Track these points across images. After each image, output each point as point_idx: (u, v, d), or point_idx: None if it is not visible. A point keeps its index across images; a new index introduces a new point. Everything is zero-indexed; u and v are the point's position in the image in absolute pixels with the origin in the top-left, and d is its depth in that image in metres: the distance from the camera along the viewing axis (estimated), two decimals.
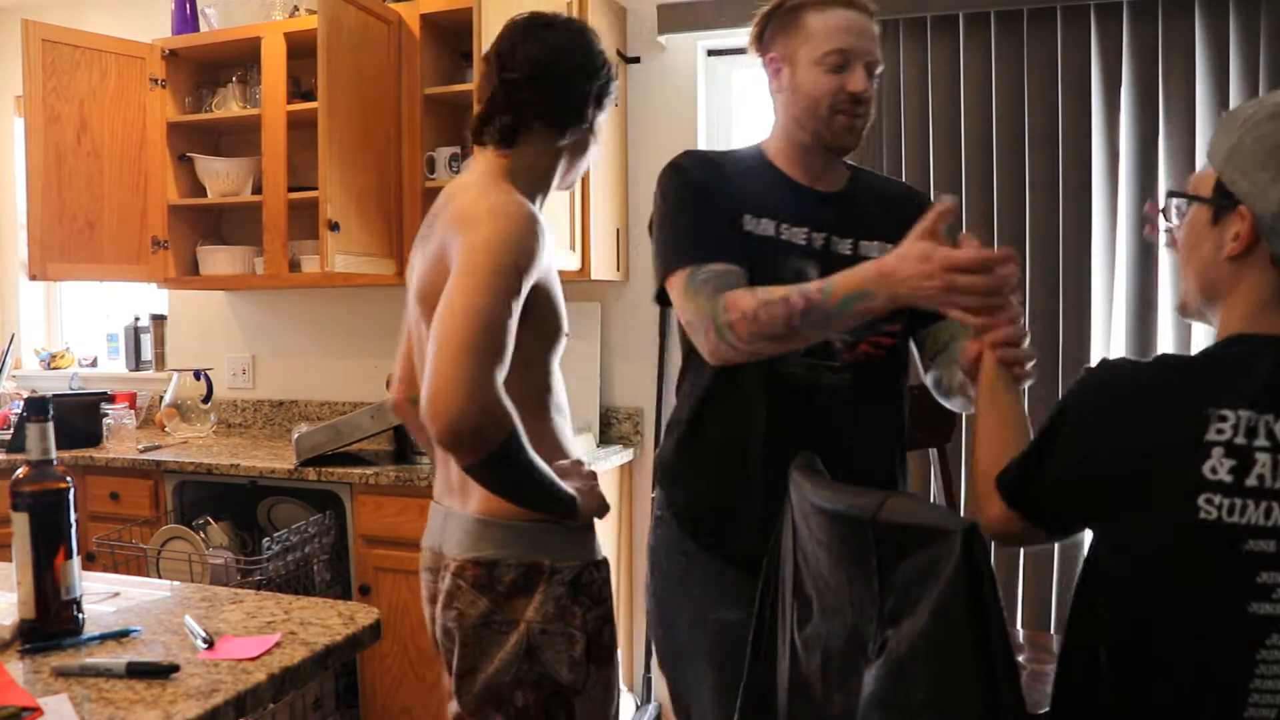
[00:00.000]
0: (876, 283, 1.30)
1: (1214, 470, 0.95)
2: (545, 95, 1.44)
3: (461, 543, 1.45)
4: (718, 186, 1.52)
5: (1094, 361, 2.58)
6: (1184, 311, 1.16)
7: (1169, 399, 0.99)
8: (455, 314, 1.28)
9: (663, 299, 1.53)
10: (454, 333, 1.27)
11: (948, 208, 1.27)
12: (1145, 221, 1.20)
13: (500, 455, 1.28)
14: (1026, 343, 1.28)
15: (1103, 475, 1.01)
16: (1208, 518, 0.94)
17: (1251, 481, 0.94)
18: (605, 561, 1.49)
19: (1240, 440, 0.95)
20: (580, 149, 1.54)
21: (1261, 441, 0.95)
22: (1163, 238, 1.16)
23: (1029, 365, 1.27)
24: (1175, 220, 1.14)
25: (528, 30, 1.46)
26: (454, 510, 1.49)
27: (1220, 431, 0.95)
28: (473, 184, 1.47)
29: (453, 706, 1.52)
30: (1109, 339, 2.62)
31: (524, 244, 1.35)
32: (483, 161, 1.50)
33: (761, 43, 1.60)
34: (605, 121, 1.55)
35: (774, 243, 1.51)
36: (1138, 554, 1.00)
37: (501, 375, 1.28)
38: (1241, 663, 0.94)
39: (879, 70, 1.53)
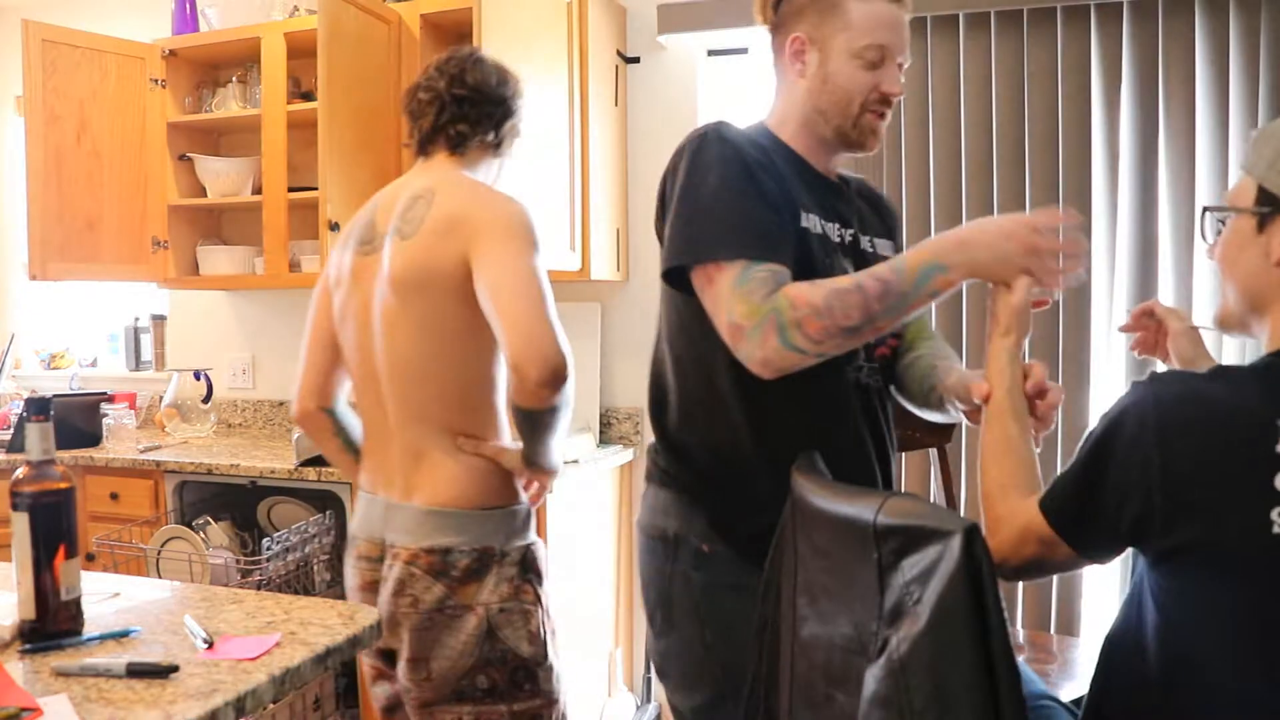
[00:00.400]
0: (953, 252, 1.21)
1: None
2: (490, 111, 1.69)
3: (413, 533, 1.55)
4: (772, 174, 1.33)
5: (1093, 363, 2.59)
6: (1225, 325, 1.12)
7: (1234, 411, 0.95)
8: (522, 279, 1.48)
9: (674, 282, 1.34)
10: (531, 292, 1.47)
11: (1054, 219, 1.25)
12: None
13: (565, 395, 1.51)
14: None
15: (1169, 492, 0.96)
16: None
17: None
18: (540, 541, 1.67)
19: None
20: (504, 158, 1.78)
21: None
22: (1202, 248, 1.15)
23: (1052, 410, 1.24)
24: (1211, 237, 1.12)
25: (470, 60, 1.70)
26: (396, 502, 1.60)
27: None
28: (452, 183, 1.62)
29: (383, 690, 1.69)
30: (1109, 339, 2.62)
31: (535, 227, 1.57)
32: (440, 166, 1.68)
33: (779, 14, 1.43)
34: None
35: (823, 241, 1.37)
36: (1193, 573, 0.96)
37: None
38: None
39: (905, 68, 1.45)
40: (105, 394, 3.30)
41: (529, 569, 1.59)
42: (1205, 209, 1.13)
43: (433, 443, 1.57)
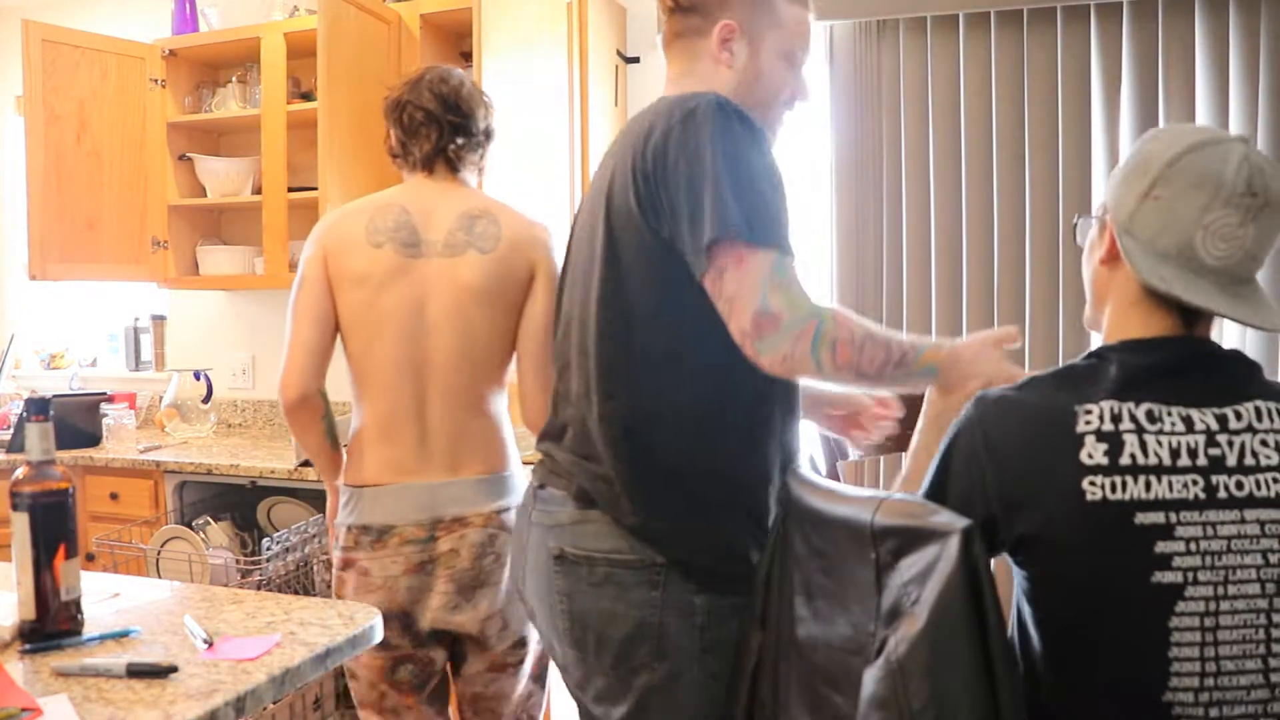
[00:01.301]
0: (949, 368, 1.27)
1: (1090, 455, 1.02)
2: (480, 140, 1.86)
3: (479, 500, 1.75)
4: None
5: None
6: (1088, 324, 1.22)
7: (1042, 409, 1.07)
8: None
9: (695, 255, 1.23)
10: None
11: (1014, 336, 1.33)
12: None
13: None
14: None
15: (1002, 493, 1.06)
16: (1094, 498, 1.01)
17: (1124, 461, 1.01)
18: None
19: (1108, 427, 1.03)
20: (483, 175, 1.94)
21: (1126, 425, 1.03)
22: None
23: None
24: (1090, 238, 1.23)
25: (461, 88, 1.83)
26: (445, 481, 1.75)
27: (1088, 423, 1.04)
28: (498, 205, 1.83)
29: (410, 670, 1.77)
30: None
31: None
32: (455, 184, 1.84)
33: (710, 5, 1.37)
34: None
35: None
36: (1040, 555, 1.05)
37: None
38: (1156, 634, 0.99)
39: None
40: (105, 394, 3.30)
41: None
42: (1078, 218, 1.25)
43: (472, 425, 1.77)
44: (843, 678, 1.05)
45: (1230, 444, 1.02)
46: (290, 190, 3.05)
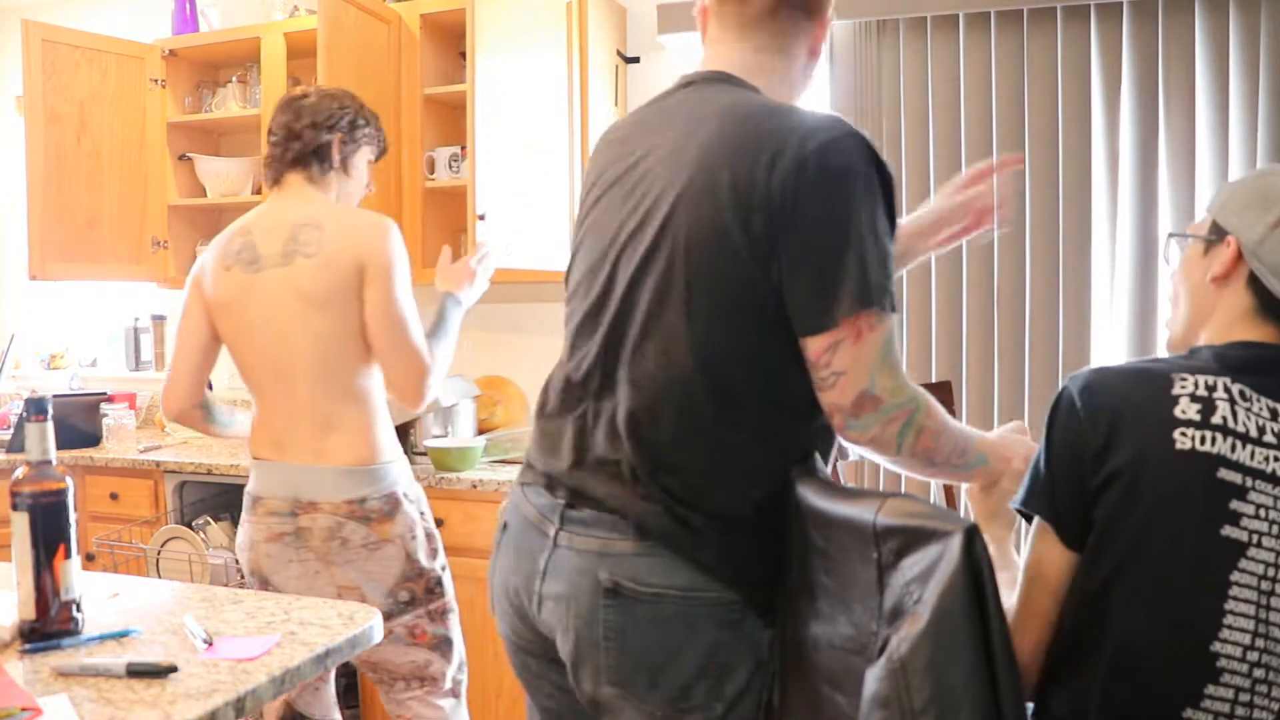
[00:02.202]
0: (990, 449, 1.28)
1: (1184, 411, 1.09)
2: (325, 142, 2.01)
3: (334, 488, 1.91)
4: None
5: (1093, 362, 2.59)
6: (1172, 345, 1.28)
7: (1139, 371, 1.17)
8: (394, 306, 1.90)
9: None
10: (406, 325, 1.92)
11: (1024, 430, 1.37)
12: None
13: (431, 392, 1.98)
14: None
15: (1101, 432, 1.12)
16: (1184, 447, 1.08)
17: (1216, 420, 1.09)
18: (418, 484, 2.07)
19: (1202, 393, 1.11)
20: (354, 175, 2.10)
21: (1220, 395, 1.10)
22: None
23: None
24: (1172, 261, 1.30)
25: (301, 101, 2.03)
26: (311, 465, 1.92)
27: (1184, 387, 1.12)
28: (328, 209, 1.98)
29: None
30: (1109, 339, 2.62)
31: (398, 238, 1.98)
32: (299, 192, 2.00)
33: None
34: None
35: None
36: (1123, 493, 1.10)
37: None
38: (1217, 584, 1.05)
39: None
40: (105, 394, 3.30)
41: (421, 504, 2.03)
42: (1170, 234, 1.31)
43: (342, 416, 1.93)
44: (845, 677, 1.05)
45: None
46: None
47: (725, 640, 1.19)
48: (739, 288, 1.16)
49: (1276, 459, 1.08)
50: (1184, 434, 1.08)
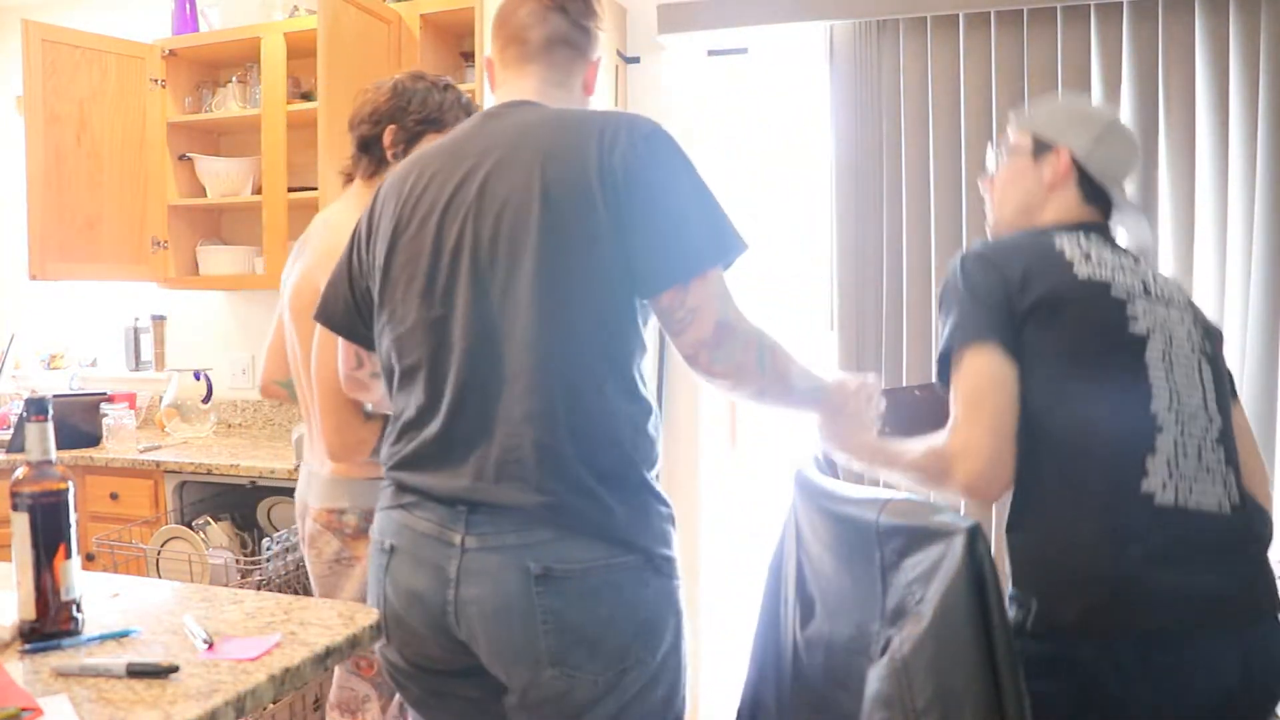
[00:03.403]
0: (834, 395, 1.44)
1: (1071, 256, 1.37)
2: (373, 121, 1.92)
3: (321, 496, 1.89)
4: None
5: None
6: (998, 229, 1.55)
7: (1021, 237, 1.44)
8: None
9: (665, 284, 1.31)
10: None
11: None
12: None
13: None
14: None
15: (1018, 281, 1.34)
16: (1082, 277, 1.35)
17: (1094, 259, 1.38)
18: None
19: (1075, 245, 1.40)
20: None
21: (1086, 246, 1.40)
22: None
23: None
24: (992, 169, 1.58)
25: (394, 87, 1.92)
26: (315, 471, 1.91)
27: (1061, 243, 1.40)
28: (322, 216, 2.02)
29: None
30: None
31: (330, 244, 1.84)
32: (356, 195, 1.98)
33: (595, 36, 1.50)
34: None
35: None
36: (1048, 316, 1.32)
37: None
38: (1137, 367, 1.32)
39: None
40: (105, 394, 3.30)
41: None
42: (997, 146, 1.57)
43: (352, 427, 1.76)
44: (847, 677, 1.05)
45: (1149, 275, 1.41)
46: (290, 190, 3.05)
47: (647, 599, 1.29)
48: (599, 264, 1.25)
49: (1140, 282, 1.38)
50: (1078, 269, 1.36)
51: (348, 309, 1.47)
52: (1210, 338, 1.43)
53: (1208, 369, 1.38)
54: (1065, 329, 1.32)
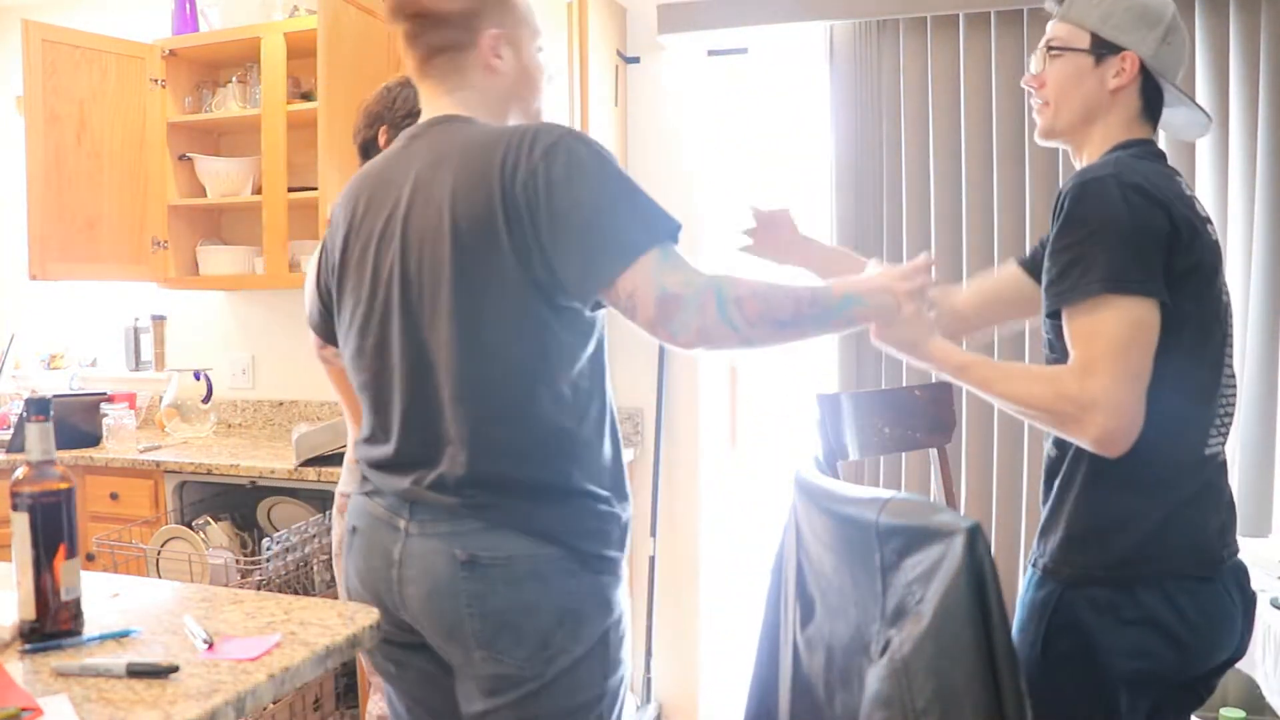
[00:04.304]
0: (873, 294, 1.36)
1: (1200, 210, 1.35)
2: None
3: (341, 480, 1.99)
4: None
5: None
6: (1050, 135, 1.49)
7: (1161, 173, 1.36)
8: None
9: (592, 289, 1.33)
10: None
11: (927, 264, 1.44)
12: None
13: None
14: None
15: (1173, 236, 1.27)
16: (1213, 241, 1.34)
17: (1205, 214, 1.36)
18: None
19: (1190, 192, 1.37)
20: None
21: (1190, 191, 1.38)
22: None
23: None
24: (1039, 68, 1.48)
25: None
26: (347, 457, 1.97)
27: (1185, 187, 1.36)
28: None
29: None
30: None
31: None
32: None
33: (453, 14, 1.42)
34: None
35: None
36: (1201, 280, 1.30)
37: None
38: (1227, 336, 1.37)
39: None
40: (105, 394, 3.30)
41: None
42: (1050, 46, 1.46)
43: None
44: (847, 677, 1.05)
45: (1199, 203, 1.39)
46: (290, 190, 3.05)
47: (572, 589, 1.34)
48: (512, 291, 1.29)
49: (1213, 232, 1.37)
50: (1209, 228, 1.34)
51: (323, 317, 1.58)
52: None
53: (1233, 321, 1.42)
54: (1198, 303, 1.30)
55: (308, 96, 3.11)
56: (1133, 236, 1.23)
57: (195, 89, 3.38)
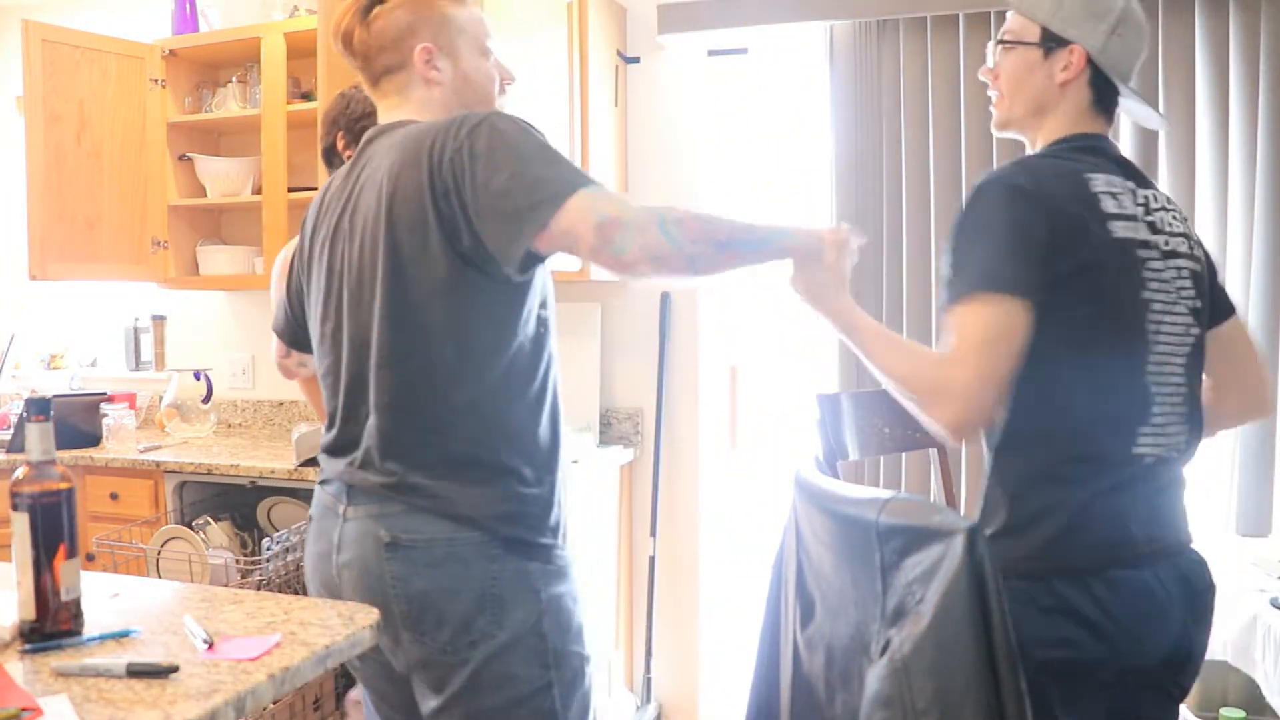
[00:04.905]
0: (797, 232, 1.40)
1: (1107, 206, 1.32)
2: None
3: None
4: None
5: None
6: (1004, 127, 1.51)
7: (1060, 167, 1.35)
8: None
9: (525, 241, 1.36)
10: None
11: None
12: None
13: None
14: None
15: (1052, 237, 1.27)
16: (1118, 237, 1.32)
17: (1126, 211, 1.34)
18: None
19: (1108, 189, 1.34)
20: None
21: (1114, 188, 1.35)
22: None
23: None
24: (994, 61, 1.49)
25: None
26: None
27: (1094, 185, 1.33)
28: None
29: None
30: None
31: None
32: None
33: (379, 37, 1.50)
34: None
35: None
36: (1090, 284, 1.29)
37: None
38: (1143, 338, 1.33)
39: None
40: (105, 394, 3.30)
41: None
42: (999, 41, 1.47)
43: None
44: (847, 677, 1.05)
45: (1157, 215, 1.38)
46: (290, 190, 3.05)
47: (494, 573, 1.37)
48: (442, 276, 1.34)
49: (1149, 237, 1.35)
50: (1113, 224, 1.31)
51: (289, 320, 1.67)
52: (1198, 282, 1.41)
53: (1194, 330, 1.38)
54: (1096, 303, 1.30)
55: (308, 96, 3.11)
56: (1007, 237, 1.26)
57: (195, 89, 3.38)
